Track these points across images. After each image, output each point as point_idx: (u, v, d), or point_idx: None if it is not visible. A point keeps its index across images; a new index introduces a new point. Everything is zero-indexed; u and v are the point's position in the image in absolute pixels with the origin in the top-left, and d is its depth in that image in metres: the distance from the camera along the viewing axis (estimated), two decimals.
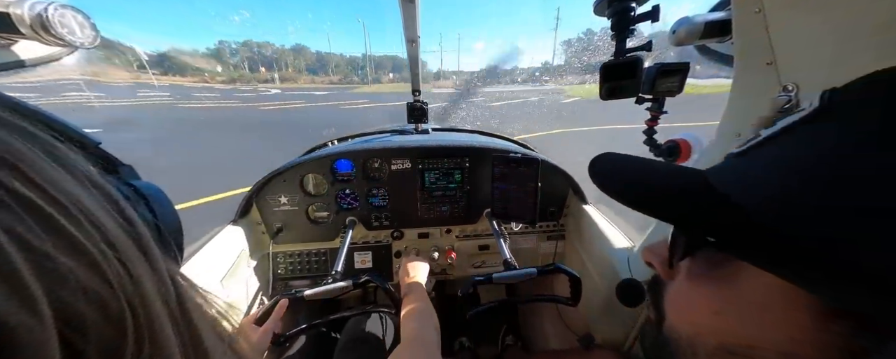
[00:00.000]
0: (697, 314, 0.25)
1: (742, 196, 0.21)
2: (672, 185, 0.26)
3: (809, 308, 0.18)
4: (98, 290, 0.12)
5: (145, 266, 0.16)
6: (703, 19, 0.59)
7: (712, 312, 0.24)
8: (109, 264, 0.13)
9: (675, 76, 0.64)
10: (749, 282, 0.21)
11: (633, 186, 0.27)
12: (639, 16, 0.60)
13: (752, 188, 0.21)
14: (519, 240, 1.28)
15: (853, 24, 0.39)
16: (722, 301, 0.23)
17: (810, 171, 0.19)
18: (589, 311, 1.04)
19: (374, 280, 0.82)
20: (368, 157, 1.13)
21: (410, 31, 1.02)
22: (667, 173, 0.27)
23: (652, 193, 0.26)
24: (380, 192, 1.18)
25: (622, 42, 0.62)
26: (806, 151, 0.20)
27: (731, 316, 0.23)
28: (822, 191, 0.18)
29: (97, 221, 0.14)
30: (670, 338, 0.28)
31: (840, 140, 0.18)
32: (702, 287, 0.25)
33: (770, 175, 0.21)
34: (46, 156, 0.14)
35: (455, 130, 1.67)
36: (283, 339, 0.78)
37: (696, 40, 0.61)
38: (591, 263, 1.08)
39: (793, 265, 0.18)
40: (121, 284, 0.13)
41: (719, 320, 0.23)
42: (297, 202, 1.13)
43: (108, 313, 0.12)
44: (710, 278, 0.24)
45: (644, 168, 0.29)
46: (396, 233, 1.24)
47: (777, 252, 0.19)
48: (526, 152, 1.17)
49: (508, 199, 1.08)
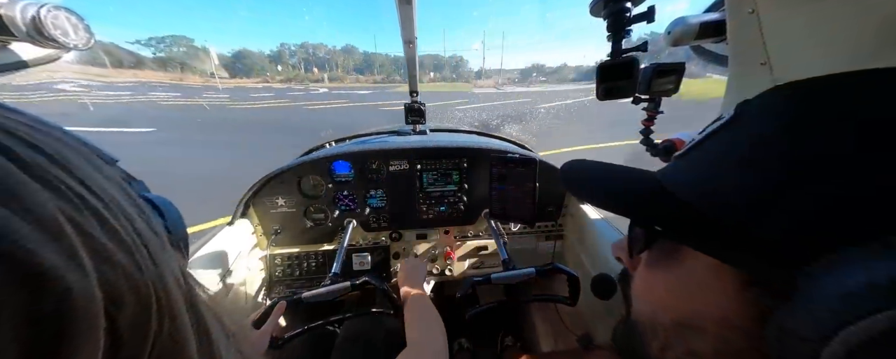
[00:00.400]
0: (654, 295, 0.30)
1: (682, 191, 0.25)
2: (628, 188, 0.30)
3: (732, 281, 0.22)
4: (132, 272, 0.14)
5: (164, 255, 0.18)
6: (697, 20, 0.59)
7: (666, 291, 0.28)
8: (139, 252, 0.15)
9: (670, 76, 0.64)
10: (691, 262, 0.26)
11: (596, 191, 0.32)
12: (635, 17, 0.60)
13: (687, 184, 0.26)
14: (517, 240, 1.28)
15: (845, 24, 0.39)
16: (672, 281, 0.27)
17: (724, 165, 0.24)
18: (587, 311, 1.04)
19: (372, 282, 0.82)
20: (366, 158, 1.13)
21: (407, 33, 1.02)
22: (625, 178, 0.32)
23: (610, 195, 0.31)
24: (378, 193, 1.17)
25: (618, 43, 0.63)
26: (720, 149, 0.25)
27: (680, 293, 0.27)
28: (732, 180, 0.22)
29: (129, 215, 0.16)
30: (636, 321, 0.32)
31: (746, 140, 0.23)
32: (657, 272, 0.29)
33: (699, 171, 0.26)
34: (87, 162, 0.16)
35: (453, 131, 1.67)
36: (281, 342, 0.77)
37: (692, 41, 0.61)
38: (589, 263, 1.08)
39: (714, 243, 0.23)
40: (148, 268, 0.15)
41: (671, 298, 0.28)
42: (294, 204, 1.12)
43: (138, 292, 0.14)
44: (663, 263, 0.29)
45: (606, 174, 0.34)
46: (395, 234, 1.23)
47: (704, 234, 0.23)
48: (523, 153, 1.17)
49: (506, 199, 1.08)
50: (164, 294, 0.16)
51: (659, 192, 0.27)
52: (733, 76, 0.56)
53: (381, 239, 1.24)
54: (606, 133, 7.08)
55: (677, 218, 0.25)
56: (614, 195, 0.31)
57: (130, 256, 0.14)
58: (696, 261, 0.25)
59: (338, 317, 0.87)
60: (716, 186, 0.23)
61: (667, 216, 0.26)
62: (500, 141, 1.52)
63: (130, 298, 0.14)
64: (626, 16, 0.60)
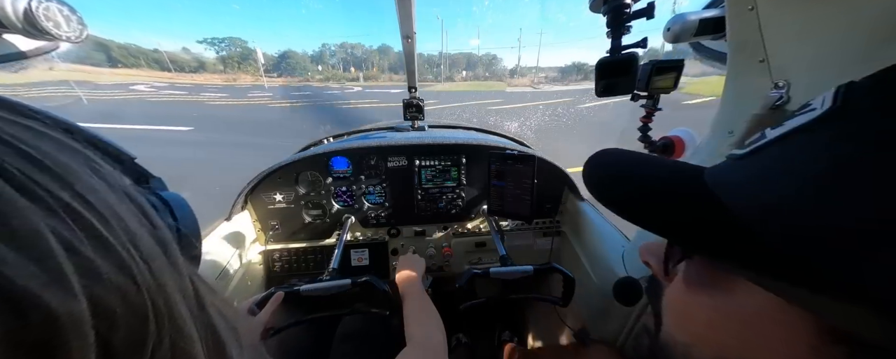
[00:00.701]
0: (693, 323, 0.24)
1: (738, 204, 0.19)
2: (672, 205, 0.23)
3: (809, 329, 0.17)
4: (127, 288, 0.14)
5: (167, 266, 0.17)
6: (697, 16, 0.59)
7: (708, 323, 0.22)
8: (136, 264, 0.15)
9: (669, 73, 0.64)
10: (746, 296, 0.20)
11: (631, 202, 0.25)
12: (634, 12, 0.60)
13: (750, 197, 0.19)
14: (515, 237, 1.28)
15: (844, 21, 0.39)
16: (718, 313, 0.22)
17: (814, 178, 0.17)
18: (585, 306, 1.05)
19: (373, 282, 0.82)
20: (365, 154, 1.13)
21: (406, 28, 1.01)
22: (666, 189, 0.24)
23: (648, 214, 0.24)
24: (376, 189, 1.17)
25: (618, 39, 0.62)
26: (811, 156, 0.17)
27: (727, 330, 0.21)
28: (826, 202, 0.16)
29: (127, 226, 0.16)
30: (665, 344, 0.26)
31: (853, 146, 0.16)
32: (698, 295, 0.23)
33: (770, 181, 0.19)
34: (88, 168, 0.16)
35: (451, 127, 1.67)
36: (274, 332, 0.78)
37: (691, 37, 0.61)
38: (587, 259, 1.09)
39: (790, 282, 0.17)
40: (144, 281, 0.15)
41: (715, 333, 0.22)
42: (292, 200, 1.12)
43: (133, 308, 0.14)
44: (706, 286, 0.23)
45: (640, 171, 0.26)
46: (393, 230, 1.24)
47: (773, 267, 0.17)
48: (522, 149, 1.17)
49: (505, 196, 1.08)
50: (164, 304, 0.16)
51: (715, 206, 0.20)
52: (732, 73, 0.56)
53: (379, 235, 1.24)
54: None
55: (738, 241, 0.19)
56: (651, 211, 0.23)
57: (126, 272, 0.14)
58: (754, 295, 0.19)
59: (333, 313, 0.87)
60: (795, 208, 0.17)
61: (723, 238, 0.19)
62: (499, 137, 1.51)
63: (125, 315, 0.14)
64: (625, 12, 0.60)
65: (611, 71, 0.65)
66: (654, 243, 0.30)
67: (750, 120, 0.51)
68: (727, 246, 0.19)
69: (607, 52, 0.64)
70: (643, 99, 0.70)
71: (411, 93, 1.34)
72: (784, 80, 0.48)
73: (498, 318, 1.55)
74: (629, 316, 0.83)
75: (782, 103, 0.48)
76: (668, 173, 0.25)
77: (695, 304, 0.24)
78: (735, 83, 0.56)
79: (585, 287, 1.04)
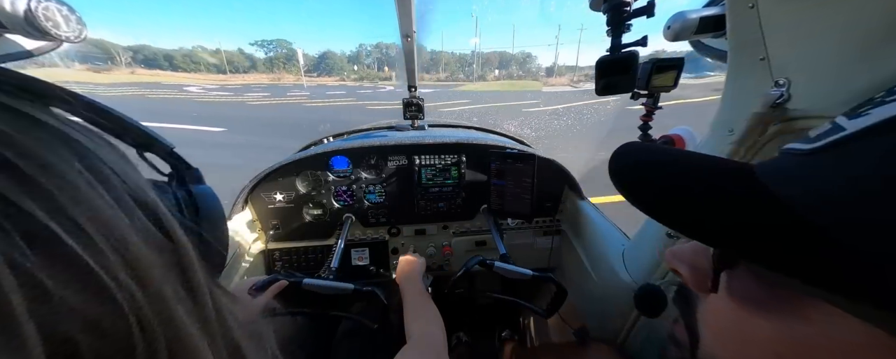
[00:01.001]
0: (752, 350, 0.20)
1: (825, 214, 0.15)
2: (732, 207, 0.19)
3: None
4: (98, 315, 0.12)
5: (170, 278, 0.16)
6: (697, 14, 0.59)
7: (772, 353, 0.18)
8: (120, 285, 0.13)
9: (670, 72, 0.64)
10: (825, 321, 0.16)
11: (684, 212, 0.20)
12: (634, 11, 0.60)
13: (838, 205, 0.15)
14: (515, 235, 1.29)
15: (845, 19, 0.39)
16: (786, 342, 0.18)
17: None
18: (584, 304, 1.05)
19: (378, 294, 0.82)
20: (365, 153, 1.13)
21: (405, 26, 1.01)
22: (724, 196, 0.19)
23: (697, 220, 0.19)
24: (376, 188, 1.17)
25: (618, 37, 0.62)
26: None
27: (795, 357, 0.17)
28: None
29: (119, 239, 0.14)
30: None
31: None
32: (756, 317, 0.19)
33: (865, 187, 0.15)
34: (86, 170, 0.14)
35: (451, 126, 1.67)
36: (271, 315, 0.78)
37: (691, 36, 0.61)
38: (587, 258, 1.09)
39: (890, 309, 0.13)
40: (132, 302, 0.13)
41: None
42: (292, 199, 1.12)
43: (109, 333, 0.13)
44: (767, 305, 0.19)
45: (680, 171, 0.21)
46: (393, 230, 1.24)
47: (866, 289, 0.14)
48: (522, 148, 1.17)
49: (505, 194, 1.08)
50: (159, 321, 0.14)
51: (772, 207, 0.17)
52: (732, 71, 0.56)
53: (379, 234, 1.24)
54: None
55: (817, 257, 0.15)
56: (702, 217, 0.19)
57: (100, 295, 0.13)
58: (836, 320, 0.15)
59: (320, 310, 0.87)
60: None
61: (796, 251, 0.16)
62: (499, 136, 1.51)
63: (92, 342, 0.12)
64: (625, 10, 0.60)
65: (611, 69, 0.65)
66: (684, 249, 0.26)
67: (750, 118, 0.51)
68: (807, 262, 0.15)
69: (607, 51, 0.64)
70: (643, 97, 0.70)
71: (411, 92, 1.34)
72: (784, 78, 0.48)
73: (498, 316, 1.55)
74: (628, 313, 0.83)
75: (783, 101, 0.47)
76: (711, 169, 0.21)
77: (753, 327, 0.19)
78: (735, 81, 0.56)
79: (585, 286, 1.04)
